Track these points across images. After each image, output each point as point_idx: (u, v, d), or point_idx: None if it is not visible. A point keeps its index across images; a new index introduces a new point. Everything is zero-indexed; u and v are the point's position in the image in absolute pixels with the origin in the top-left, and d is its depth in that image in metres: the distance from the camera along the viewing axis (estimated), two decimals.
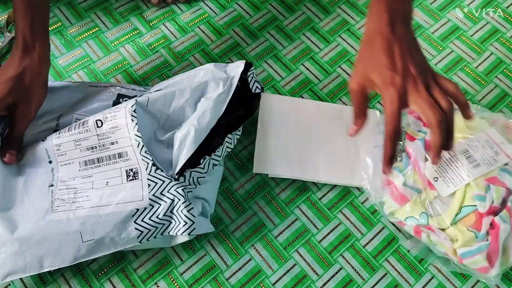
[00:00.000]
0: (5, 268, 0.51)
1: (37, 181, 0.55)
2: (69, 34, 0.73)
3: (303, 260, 0.58)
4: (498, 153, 0.58)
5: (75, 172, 0.56)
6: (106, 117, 0.55)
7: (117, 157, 0.55)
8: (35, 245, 0.51)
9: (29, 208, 0.53)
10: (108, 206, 0.53)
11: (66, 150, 0.56)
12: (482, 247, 0.53)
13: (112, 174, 0.55)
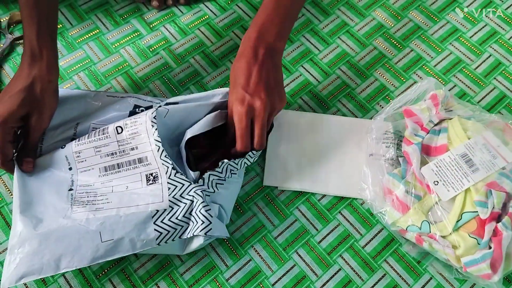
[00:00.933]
0: (20, 270, 0.50)
1: (57, 186, 0.56)
2: (70, 36, 0.74)
3: (303, 261, 0.59)
4: (496, 157, 0.58)
5: (95, 177, 0.56)
6: (126, 124, 0.56)
7: (137, 162, 0.56)
8: (54, 243, 0.51)
9: (49, 208, 0.54)
10: (128, 208, 0.53)
11: (86, 157, 0.57)
12: (486, 255, 0.53)
13: (132, 179, 0.56)
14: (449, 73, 0.72)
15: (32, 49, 0.55)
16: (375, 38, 0.75)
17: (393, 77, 0.72)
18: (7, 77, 0.70)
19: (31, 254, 0.50)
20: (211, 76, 0.71)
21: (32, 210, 0.53)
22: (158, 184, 0.55)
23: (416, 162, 0.58)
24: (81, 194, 0.55)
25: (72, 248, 0.51)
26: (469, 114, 0.62)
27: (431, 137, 0.61)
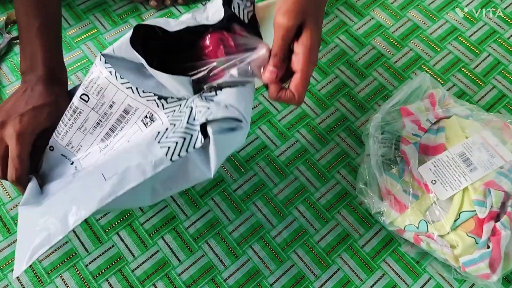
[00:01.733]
0: (27, 249, 0.45)
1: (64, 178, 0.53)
2: (68, 36, 0.74)
3: (301, 261, 0.58)
4: (494, 156, 0.58)
5: (97, 155, 0.52)
6: (86, 87, 0.51)
7: (125, 114, 0.51)
8: (55, 205, 0.47)
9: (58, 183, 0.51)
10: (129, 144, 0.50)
11: (79, 142, 0.53)
12: (484, 254, 0.52)
13: (131, 132, 0.51)
14: (448, 72, 0.72)
15: (52, 72, 0.56)
16: (374, 38, 0.75)
17: (392, 77, 0.72)
18: (4, 76, 0.69)
19: (36, 230, 0.46)
20: None
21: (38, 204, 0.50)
22: (157, 120, 0.50)
23: (413, 162, 0.58)
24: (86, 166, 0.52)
25: (76, 200, 0.45)
26: (467, 113, 0.62)
27: (428, 136, 0.60)
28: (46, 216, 0.46)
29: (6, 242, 0.58)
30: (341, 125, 0.68)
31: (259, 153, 0.65)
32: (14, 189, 0.61)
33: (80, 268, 0.57)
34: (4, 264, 0.57)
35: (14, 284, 0.56)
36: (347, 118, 0.68)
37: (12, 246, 0.58)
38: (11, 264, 0.57)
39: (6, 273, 0.57)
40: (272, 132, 0.67)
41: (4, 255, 0.57)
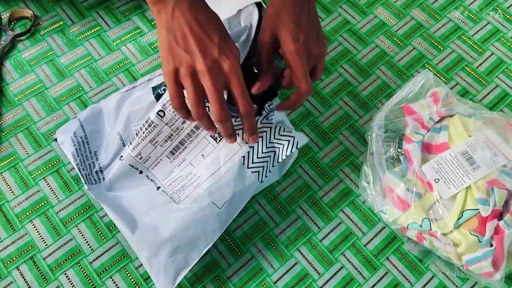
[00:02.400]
0: (171, 272, 0.52)
1: (146, 195, 0.57)
2: (71, 33, 0.73)
3: (304, 259, 0.59)
4: (497, 154, 0.58)
5: (168, 165, 0.57)
6: (164, 105, 0.56)
7: (196, 130, 0.56)
8: (182, 235, 0.53)
9: (157, 214, 0.55)
10: (219, 170, 0.55)
11: (148, 154, 0.57)
12: (487, 253, 0.53)
13: (201, 147, 0.56)
14: (451, 71, 0.72)
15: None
16: (377, 36, 0.75)
17: (395, 75, 0.72)
18: (8, 74, 0.70)
19: (171, 255, 0.52)
20: None
21: (139, 226, 0.54)
22: None
23: (416, 160, 0.58)
24: (171, 186, 0.57)
25: (200, 229, 0.53)
26: (470, 111, 0.62)
27: (431, 135, 0.61)
28: (176, 243, 0.53)
29: (10, 239, 0.58)
30: (344, 124, 0.68)
31: None
32: (24, 183, 0.61)
33: (84, 265, 0.57)
34: (8, 261, 0.57)
35: (19, 282, 0.56)
36: (350, 117, 0.68)
37: (16, 243, 0.58)
38: (16, 261, 0.57)
39: (10, 270, 0.57)
40: None
41: (8, 252, 0.58)
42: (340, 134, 0.67)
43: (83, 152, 0.59)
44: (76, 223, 0.60)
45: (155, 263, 0.52)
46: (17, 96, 0.68)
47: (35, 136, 0.65)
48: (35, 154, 0.64)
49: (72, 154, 0.59)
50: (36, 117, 0.66)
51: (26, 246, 0.58)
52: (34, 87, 0.69)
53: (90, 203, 0.61)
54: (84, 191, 0.61)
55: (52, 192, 0.61)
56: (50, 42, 0.72)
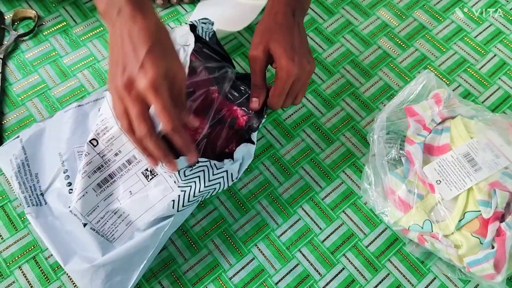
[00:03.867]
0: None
1: (75, 229, 0.54)
2: (74, 34, 0.74)
3: (306, 260, 0.59)
4: (499, 156, 0.58)
5: (93, 199, 0.53)
6: (98, 133, 0.54)
7: (127, 164, 0.54)
8: (116, 258, 0.51)
9: (87, 250, 0.53)
10: (147, 212, 0.53)
11: (74, 185, 0.54)
12: (489, 255, 0.53)
13: (131, 183, 0.54)
14: (453, 73, 0.72)
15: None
16: (379, 38, 0.75)
17: (398, 77, 0.72)
18: (11, 74, 0.70)
19: (107, 282, 0.51)
20: None
21: (74, 256, 0.52)
22: (159, 175, 0.53)
23: (418, 162, 0.58)
24: (99, 223, 0.53)
25: (134, 250, 0.52)
26: (472, 113, 0.62)
27: (433, 136, 0.61)
28: (112, 272, 0.52)
29: (13, 239, 0.59)
30: (346, 125, 0.68)
31: (264, 152, 0.65)
32: None
33: None
34: (11, 261, 0.57)
35: (21, 281, 0.56)
36: (352, 118, 0.68)
37: (18, 243, 0.58)
38: (18, 261, 0.57)
39: (12, 270, 0.57)
40: (277, 131, 0.67)
41: (11, 252, 0.58)
42: (342, 135, 0.67)
43: (23, 174, 0.56)
44: None
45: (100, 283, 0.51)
46: (20, 96, 0.68)
47: None
48: None
49: (12, 177, 0.56)
50: (39, 117, 0.67)
51: (28, 246, 0.58)
52: (37, 87, 0.69)
53: None
54: None
55: None
56: (53, 42, 0.73)
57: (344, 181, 0.64)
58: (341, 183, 0.64)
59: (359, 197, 0.63)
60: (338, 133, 0.67)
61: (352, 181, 0.64)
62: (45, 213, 0.55)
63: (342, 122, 0.68)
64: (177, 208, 0.52)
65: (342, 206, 0.62)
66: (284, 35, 0.54)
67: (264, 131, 0.67)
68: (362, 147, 0.66)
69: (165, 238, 0.55)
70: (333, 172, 0.64)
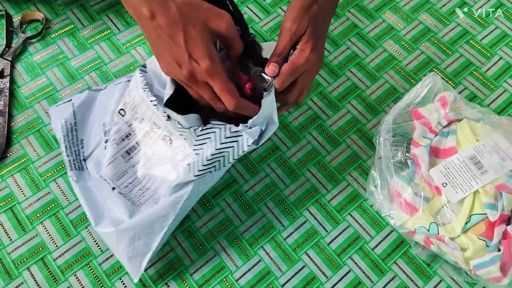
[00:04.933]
0: (136, 259, 0.54)
1: (106, 193, 0.56)
2: (82, 36, 0.74)
3: (312, 262, 0.59)
4: (505, 159, 0.58)
5: (122, 166, 0.57)
6: (125, 103, 0.57)
7: (150, 131, 0.56)
8: (137, 224, 0.53)
9: (116, 213, 0.55)
10: (168, 177, 0.55)
11: (106, 151, 0.57)
12: (495, 258, 0.53)
13: (154, 149, 0.56)
14: (459, 75, 0.72)
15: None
16: (385, 40, 0.75)
17: (403, 79, 0.72)
18: (19, 76, 0.70)
19: (130, 245, 0.53)
20: None
21: (104, 220, 0.55)
22: (176, 140, 0.55)
23: (424, 164, 0.58)
24: (127, 188, 0.56)
25: (154, 216, 0.53)
26: (478, 116, 0.62)
27: (439, 139, 0.61)
28: (135, 235, 0.54)
29: (21, 240, 0.59)
30: (352, 127, 0.68)
31: (270, 154, 0.66)
32: (32, 188, 0.62)
33: (94, 266, 0.58)
34: (19, 262, 0.58)
35: (29, 282, 0.57)
36: (358, 120, 0.69)
37: (27, 244, 0.59)
38: (26, 262, 0.58)
39: (21, 271, 0.57)
40: (283, 133, 0.67)
41: (19, 253, 0.58)
42: (348, 137, 0.67)
43: (70, 139, 0.59)
44: (87, 225, 0.60)
45: (119, 253, 0.54)
46: (28, 98, 0.69)
47: (46, 138, 0.66)
48: (46, 156, 0.64)
49: (60, 139, 0.59)
50: (47, 119, 0.67)
51: (36, 247, 0.59)
52: (45, 90, 0.69)
53: None
54: None
55: (63, 194, 0.62)
56: (61, 45, 0.73)
57: (350, 184, 0.64)
58: (347, 186, 0.64)
59: (365, 199, 0.63)
60: (344, 136, 0.67)
61: (358, 184, 0.64)
62: (85, 177, 0.58)
63: (348, 125, 0.68)
64: (193, 173, 0.52)
65: (348, 209, 0.62)
66: (323, 22, 0.53)
67: None
68: (368, 149, 0.67)
69: (186, 208, 0.55)
70: (339, 175, 0.65)
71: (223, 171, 0.55)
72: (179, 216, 0.55)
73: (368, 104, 0.70)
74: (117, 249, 0.54)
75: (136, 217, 0.53)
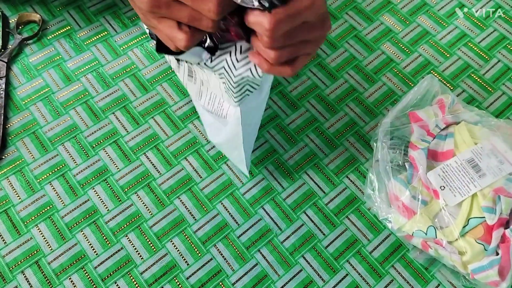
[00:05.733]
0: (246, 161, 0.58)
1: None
2: (78, 38, 0.74)
3: (309, 265, 0.58)
4: (503, 162, 0.58)
5: (196, 86, 0.56)
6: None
7: (191, 64, 0.53)
8: (229, 146, 0.57)
9: (216, 129, 0.58)
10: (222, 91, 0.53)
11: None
12: (493, 261, 0.52)
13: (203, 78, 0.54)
14: (457, 78, 0.72)
15: None
16: (383, 43, 0.75)
17: (401, 82, 0.72)
18: (15, 78, 0.70)
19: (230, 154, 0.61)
20: None
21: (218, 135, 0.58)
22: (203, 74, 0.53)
23: (422, 167, 0.58)
24: (209, 105, 0.56)
25: (238, 147, 0.56)
26: (476, 119, 0.62)
27: (437, 142, 0.60)
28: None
29: (15, 243, 0.59)
30: (350, 130, 0.68)
31: (267, 157, 0.65)
32: None
33: (89, 270, 0.57)
34: (14, 265, 0.57)
35: (23, 286, 0.56)
36: (356, 123, 0.68)
37: (21, 248, 0.58)
38: (21, 265, 0.57)
39: (15, 275, 0.57)
40: (280, 136, 0.67)
41: (13, 256, 0.58)
42: (346, 140, 0.67)
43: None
44: (81, 227, 0.60)
45: (232, 158, 0.61)
46: (24, 100, 0.68)
47: (42, 141, 0.65)
48: (41, 158, 0.64)
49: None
50: (43, 121, 0.67)
51: (31, 251, 0.58)
52: (41, 92, 0.69)
53: (96, 208, 0.61)
54: (89, 196, 0.62)
55: (58, 197, 0.61)
56: (57, 46, 0.73)
57: (348, 187, 0.64)
58: (345, 189, 0.64)
59: (363, 202, 0.63)
60: (342, 138, 0.67)
61: (356, 187, 0.64)
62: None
63: (345, 127, 0.68)
64: (233, 99, 0.50)
65: (345, 212, 0.62)
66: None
67: (267, 136, 0.67)
68: (366, 152, 0.66)
69: (248, 127, 0.55)
70: (336, 178, 0.64)
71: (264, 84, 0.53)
72: (250, 135, 0.57)
73: (366, 107, 0.69)
74: (230, 154, 0.60)
75: (222, 134, 0.56)
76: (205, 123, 0.61)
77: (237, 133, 0.54)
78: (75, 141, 0.65)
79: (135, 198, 0.62)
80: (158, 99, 0.69)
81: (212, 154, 0.65)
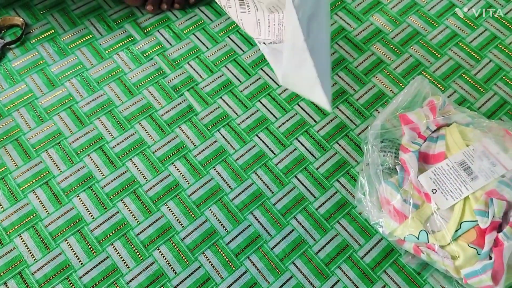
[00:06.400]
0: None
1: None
2: (62, 42, 0.72)
3: (300, 272, 0.57)
4: (495, 164, 0.57)
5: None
6: None
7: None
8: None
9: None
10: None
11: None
12: (486, 266, 0.51)
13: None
14: (448, 79, 0.71)
15: None
16: (373, 43, 0.74)
17: (392, 83, 0.71)
18: None
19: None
20: (206, 82, 0.70)
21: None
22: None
23: (413, 170, 0.57)
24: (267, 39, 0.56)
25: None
26: (467, 120, 0.61)
27: (428, 144, 0.60)
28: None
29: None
30: (340, 133, 0.67)
31: (257, 161, 0.64)
32: None
33: (74, 280, 0.56)
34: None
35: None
36: (346, 126, 0.67)
37: (4, 258, 0.57)
38: (3, 277, 0.56)
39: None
40: (270, 139, 0.66)
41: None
42: (336, 143, 0.66)
43: None
44: (66, 236, 0.58)
45: (308, 91, 0.54)
46: (6, 106, 0.67)
47: (25, 148, 0.64)
48: (24, 165, 0.62)
49: None
50: (26, 127, 0.65)
51: (14, 261, 0.57)
52: (24, 97, 0.67)
53: (80, 216, 0.59)
54: (74, 204, 0.60)
55: (42, 205, 0.60)
56: (41, 50, 0.71)
57: (339, 191, 0.63)
58: (336, 193, 0.62)
59: (353, 207, 0.61)
60: (332, 141, 0.66)
61: (347, 191, 0.63)
62: None
63: (336, 130, 0.67)
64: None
65: (336, 216, 0.61)
66: None
67: (256, 140, 0.65)
68: (356, 155, 0.65)
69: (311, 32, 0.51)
70: (327, 181, 0.63)
71: None
72: (321, 57, 0.52)
73: (356, 109, 0.68)
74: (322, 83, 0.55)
75: (289, 61, 0.52)
76: (272, 62, 0.57)
77: (298, 37, 0.49)
78: (59, 148, 0.64)
79: (121, 205, 0.60)
80: (144, 103, 0.68)
81: (199, 159, 0.64)
